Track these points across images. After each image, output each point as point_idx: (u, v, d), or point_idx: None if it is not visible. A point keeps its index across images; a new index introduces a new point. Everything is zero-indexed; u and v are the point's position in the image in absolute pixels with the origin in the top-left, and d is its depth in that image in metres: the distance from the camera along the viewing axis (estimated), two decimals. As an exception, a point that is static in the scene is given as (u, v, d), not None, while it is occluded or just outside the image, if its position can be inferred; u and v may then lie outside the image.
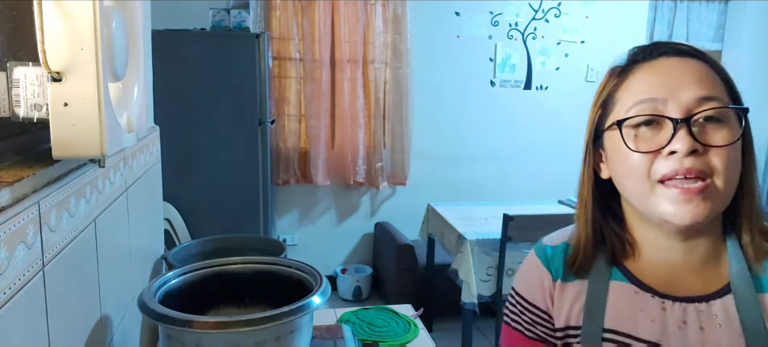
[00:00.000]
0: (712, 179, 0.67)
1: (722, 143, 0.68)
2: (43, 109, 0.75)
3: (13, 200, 0.65)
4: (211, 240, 1.60)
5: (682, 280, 0.73)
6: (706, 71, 0.71)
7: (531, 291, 0.84)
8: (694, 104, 0.68)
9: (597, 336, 0.74)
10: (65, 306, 0.81)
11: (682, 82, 0.69)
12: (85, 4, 0.68)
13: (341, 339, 1.18)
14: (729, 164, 0.68)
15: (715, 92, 0.69)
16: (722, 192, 0.68)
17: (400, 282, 3.50)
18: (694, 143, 0.66)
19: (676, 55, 0.72)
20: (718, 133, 0.68)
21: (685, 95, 0.68)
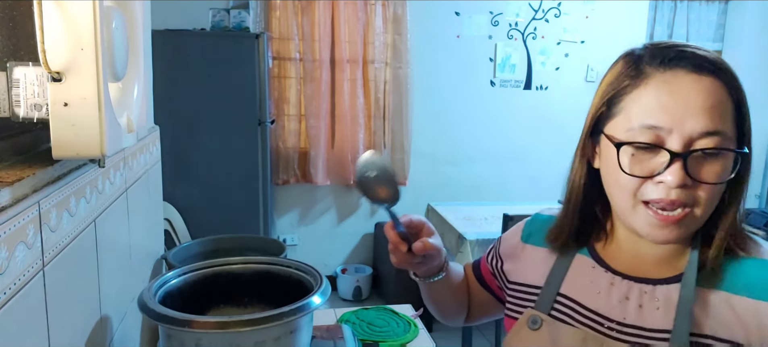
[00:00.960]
0: (692, 209, 0.70)
1: (713, 180, 0.69)
2: (43, 109, 0.75)
3: (13, 200, 0.65)
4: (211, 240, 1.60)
5: (640, 266, 0.78)
6: (719, 97, 0.69)
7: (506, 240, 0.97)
8: (697, 136, 0.68)
9: (550, 300, 0.83)
10: (65, 306, 0.81)
11: (692, 109, 0.68)
12: (85, 4, 0.68)
13: (341, 339, 1.18)
14: (712, 197, 0.70)
15: (721, 126, 0.69)
16: (698, 219, 0.71)
17: (400, 282, 3.50)
18: (686, 179, 0.68)
19: (694, 71, 0.69)
20: (711, 168, 0.70)
21: (691, 125, 0.68)
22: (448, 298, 1.00)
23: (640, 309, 0.76)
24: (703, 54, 0.71)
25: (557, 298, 0.82)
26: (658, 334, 0.73)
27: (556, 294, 0.83)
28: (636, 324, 0.75)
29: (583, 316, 0.79)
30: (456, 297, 1.01)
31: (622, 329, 0.76)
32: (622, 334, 0.76)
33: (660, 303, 0.75)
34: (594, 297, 0.79)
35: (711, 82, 0.69)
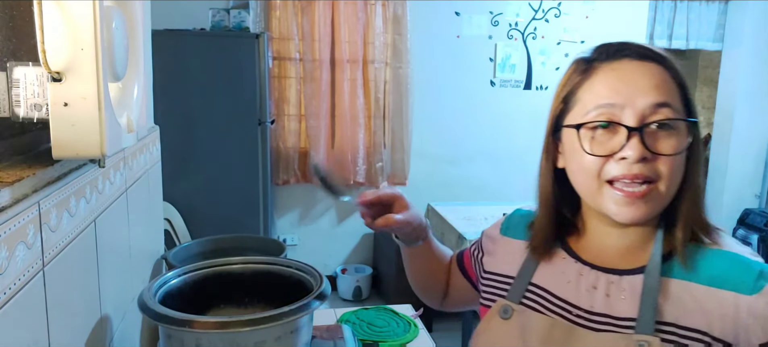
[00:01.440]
0: (656, 184, 0.73)
1: (670, 152, 0.73)
2: (43, 109, 0.75)
3: (13, 200, 0.65)
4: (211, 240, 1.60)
5: (608, 257, 0.81)
6: (663, 77, 0.75)
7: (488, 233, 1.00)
8: (649, 110, 0.73)
9: (521, 290, 0.86)
10: (65, 306, 0.81)
11: (640, 87, 0.74)
12: (85, 4, 0.68)
13: (341, 339, 1.18)
14: (673, 170, 0.74)
15: (669, 99, 0.74)
16: (663, 195, 0.74)
17: (400, 282, 3.49)
18: (644, 152, 0.72)
19: (638, 59, 0.75)
20: (667, 141, 0.73)
21: (642, 101, 0.73)
22: (425, 271, 1.07)
23: (608, 297, 0.78)
24: (645, 45, 0.77)
25: (529, 287, 0.86)
26: (625, 322, 0.76)
27: (528, 284, 0.86)
28: (603, 312, 0.78)
29: (553, 304, 0.83)
30: (433, 274, 1.08)
31: (590, 316, 0.79)
32: (590, 322, 0.79)
33: (626, 293, 0.77)
34: (564, 286, 0.83)
35: (654, 66, 0.75)
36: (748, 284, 0.71)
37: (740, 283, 0.72)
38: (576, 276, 0.82)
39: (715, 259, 0.75)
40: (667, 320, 0.74)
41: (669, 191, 0.74)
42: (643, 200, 0.73)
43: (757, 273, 0.72)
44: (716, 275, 0.74)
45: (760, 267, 0.73)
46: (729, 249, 0.76)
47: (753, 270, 0.73)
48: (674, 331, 0.73)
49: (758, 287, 0.71)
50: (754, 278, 0.72)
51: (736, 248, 0.77)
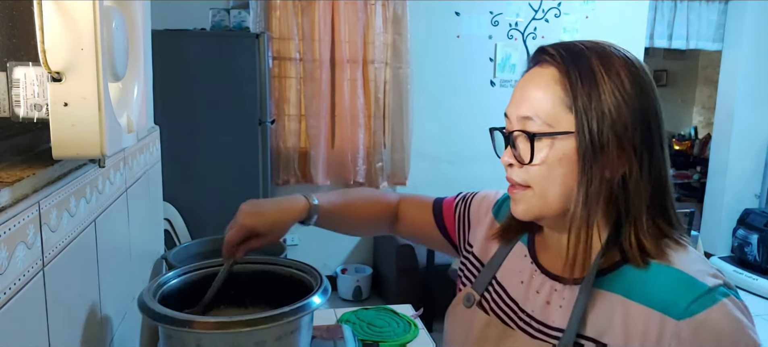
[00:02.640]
0: (529, 189, 0.76)
1: (525, 160, 0.75)
2: (43, 109, 0.75)
3: (13, 200, 0.65)
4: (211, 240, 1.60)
5: (559, 264, 0.80)
6: (547, 83, 0.74)
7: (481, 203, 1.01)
8: (517, 122, 0.77)
9: (485, 283, 0.89)
10: (65, 306, 0.81)
11: (518, 98, 0.77)
12: (85, 4, 0.68)
13: (341, 339, 1.18)
14: (539, 178, 0.75)
15: (535, 111, 0.74)
16: (539, 200, 0.76)
17: (400, 282, 3.50)
18: (511, 158, 0.77)
19: (537, 65, 0.77)
20: (527, 149, 0.75)
21: (514, 112, 0.77)
22: (348, 226, 1.10)
23: (547, 305, 0.79)
24: (550, 47, 0.76)
25: (492, 281, 0.88)
26: (554, 332, 0.76)
27: (492, 278, 0.88)
28: (539, 319, 0.79)
29: (504, 303, 0.85)
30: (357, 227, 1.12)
31: (529, 321, 0.80)
32: (526, 326, 0.80)
33: (563, 303, 0.77)
34: (517, 286, 0.84)
35: (545, 73, 0.75)
36: (680, 307, 0.67)
37: (672, 305, 0.68)
38: (528, 277, 0.84)
39: (658, 276, 0.71)
40: (589, 334, 0.73)
41: (543, 199, 0.75)
42: (519, 199, 0.77)
43: (696, 297, 0.67)
44: (652, 293, 0.70)
45: (703, 289, 0.67)
46: (678, 264, 0.71)
47: (693, 292, 0.68)
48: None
49: (689, 312, 0.66)
50: (688, 301, 0.67)
51: (687, 265, 0.71)
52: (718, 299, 0.67)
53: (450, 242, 1.05)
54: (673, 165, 6.88)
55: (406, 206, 1.10)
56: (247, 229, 0.93)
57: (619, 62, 0.73)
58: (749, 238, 4.38)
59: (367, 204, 1.09)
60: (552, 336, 0.76)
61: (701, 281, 0.69)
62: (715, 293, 0.67)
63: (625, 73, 0.72)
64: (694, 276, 0.69)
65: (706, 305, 0.66)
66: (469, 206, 1.03)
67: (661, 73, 7.58)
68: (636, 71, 0.73)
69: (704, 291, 0.67)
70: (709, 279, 0.69)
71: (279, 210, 0.96)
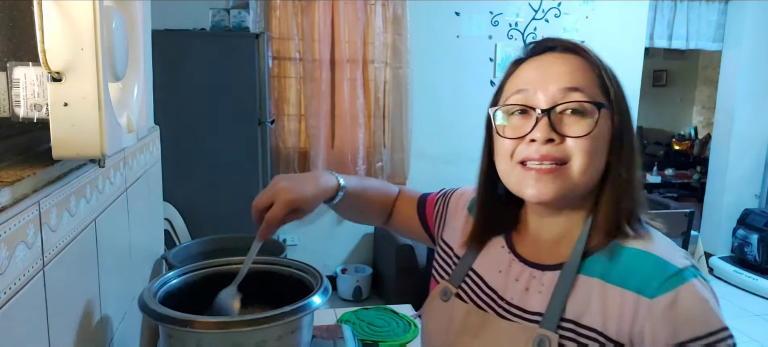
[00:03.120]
0: (566, 165, 0.75)
1: (578, 133, 0.74)
2: (43, 109, 0.75)
3: (13, 200, 0.65)
4: (211, 240, 1.60)
5: (538, 252, 0.83)
6: (582, 66, 0.77)
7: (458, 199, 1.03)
8: (560, 94, 0.76)
9: (462, 275, 0.90)
10: (65, 306, 0.81)
11: (553, 74, 0.77)
12: (85, 4, 0.68)
13: (341, 339, 1.18)
14: (586, 152, 0.74)
15: (581, 84, 0.76)
16: (574, 177, 0.75)
17: (400, 282, 3.50)
18: (551, 133, 0.75)
19: (561, 52, 0.79)
20: (577, 125, 0.75)
21: (554, 86, 0.76)
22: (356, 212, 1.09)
23: (526, 291, 0.81)
24: (567, 40, 0.80)
25: (468, 273, 0.90)
26: (534, 316, 0.78)
27: (468, 269, 0.90)
28: (518, 305, 0.81)
29: (483, 293, 0.86)
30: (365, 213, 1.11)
31: (508, 307, 0.82)
32: (506, 312, 0.82)
33: (543, 288, 0.79)
34: (495, 275, 0.86)
35: (572, 58, 0.78)
36: (652, 286, 0.71)
37: (646, 285, 0.71)
38: (506, 266, 0.85)
39: (632, 258, 0.75)
40: (569, 317, 0.75)
41: (581, 175, 0.75)
42: (551, 178, 0.75)
43: (667, 277, 0.71)
44: (627, 275, 0.74)
45: (674, 270, 0.71)
46: (651, 248, 0.75)
47: (665, 273, 0.71)
48: (573, 329, 0.74)
49: (660, 290, 0.70)
50: (660, 281, 0.71)
51: (660, 249, 0.75)
52: (687, 279, 0.71)
53: (430, 236, 1.08)
54: (673, 165, 6.89)
55: (399, 200, 1.13)
56: (291, 205, 0.88)
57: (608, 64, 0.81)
58: (749, 238, 4.38)
59: (377, 194, 1.10)
60: (531, 320, 0.78)
61: (672, 263, 0.73)
62: (685, 273, 0.72)
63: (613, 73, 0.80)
64: (666, 258, 0.73)
65: (676, 284, 0.70)
66: (447, 202, 1.05)
67: (661, 73, 7.58)
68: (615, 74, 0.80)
69: (675, 272, 0.71)
70: (680, 260, 0.73)
71: (317, 187, 0.94)
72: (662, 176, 6.62)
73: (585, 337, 0.73)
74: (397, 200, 1.13)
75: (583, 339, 0.73)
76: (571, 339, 0.74)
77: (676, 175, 6.72)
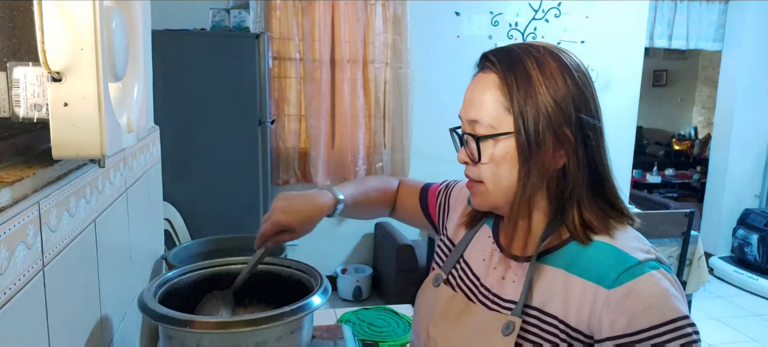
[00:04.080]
0: (482, 183, 0.84)
1: (475, 159, 0.83)
2: (43, 109, 0.75)
3: (13, 200, 0.65)
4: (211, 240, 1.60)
5: (516, 243, 0.87)
6: (488, 87, 0.83)
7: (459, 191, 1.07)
8: (467, 125, 0.85)
9: (453, 263, 0.96)
10: (65, 306, 0.81)
11: (468, 100, 0.86)
12: (85, 4, 0.68)
13: (341, 339, 1.18)
14: (491, 175, 0.82)
15: (479, 115, 0.82)
16: (491, 194, 0.84)
17: (400, 282, 3.50)
18: (465, 157, 0.85)
19: (481, 71, 0.86)
20: (485, 150, 0.82)
21: (464, 115, 0.85)
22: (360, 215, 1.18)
23: (502, 280, 0.87)
24: (490, 51, 0.86)
25: (459, 260, 0.96)
26: (508, 304, 0.84)
27: (459, 257, 0.96)
28: (495, 293, 0.87)
29: (470, 280, 0.92)
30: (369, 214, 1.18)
31: (487, 294, 0.88)
32: (485, 299, 0.88)
33: (516, 278, 0.85)
34: (480, 262, 0.92)
35: (488, 78, 0.84)
36: (611, 277, 0.75)
37: (605, 277, 0.76)
38: (489, 255, 0.91)
39: (595, 250, 0.79)
40: (534, 304, 0.81)
41: (497, 189, 0.83)
42: (475, 193, 0.86)
43: (625, 268, 0.75)
44: (589, 266, 0.78)
45: (633, 262, 0.75)
46: (614, 242, 0.79)
47: (623, 265, 0.75)
48: (537, 316, 0.80)
49: (618, 282, 0.74)
50: (618, 272, 0.75)
51: (623, 242, 0.79)
52: (646, 271, 0.75)
53: (433, 225, 1.13)
54: (673, 165, 6.89)
55: (401, 191, 1.18)
56: (281, 225, 0.98)
57: (554, 65, 0.80)
58: (749, 238, 4.38)
59: (377, 192, 1.16)
60: (505, 307, 0.84)
61: (632, 255, 0.76)
62: (644, 266, 0.75)
63: (559, 75, 0.79)
64: (627, 251, 0.77)
65: (634, 275, 0.74)
66: (449, 193, 1.10)
67: (661, 73, 7.58)
68: (570, 72, 0.80)
69: (633, 264, 0.75)
70: (640, 254, 0.77)
71: (311, 207, 1.02)
72: (662, 176, 6.62)
73: (547, 324, 0.79)
74: (399, 191, 1.18)
75: (546, 326, 0.79)
76: (535, 325, 0.80)
77: (676, 175, 6.73)
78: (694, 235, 2.89)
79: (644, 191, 6.08)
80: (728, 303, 4.04)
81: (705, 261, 3.08)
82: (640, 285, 0.73)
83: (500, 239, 0.91)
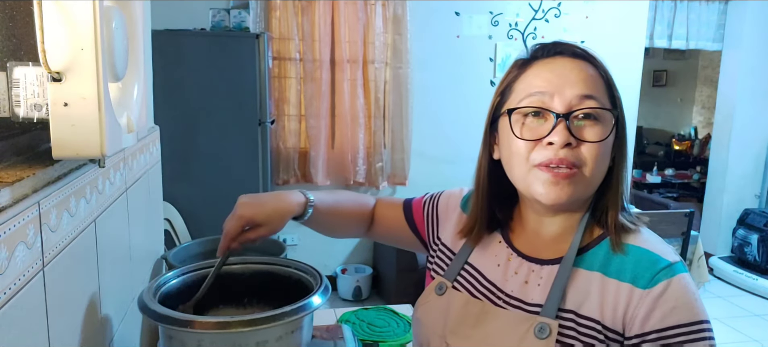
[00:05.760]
0: (580, 169, 0.78)
1: (594, 139, 0.78)
2: (43, 109, 0.75)
3: (13, 200, 0.65)
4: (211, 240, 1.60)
5: (538, 247, 0.87)
6: (592, 74, 0.81)
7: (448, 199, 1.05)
8: (576, 100, 0.78)
9: (457, 269, 0.93)
10: (65, 306, 0.81)
11: (569, 80, 0.79)
12: (85, 4, 0.68)
13: (341, 339, 1.18)
14: (597, 157, 0.79)
15: (595, 92, 0.79)
16: (587, 180, 0.79)
17: (400, 282, 3.50)
18: (569, 137, 0.77)
19: (571, 57, 0.82)
20: (592, 130, 0.79)
21: (570, 92, 0.79)
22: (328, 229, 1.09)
23: (526, 284, 0.84)
24: (578, 46, 0.84)
25: (464, 267, 0.92)
26: (533, 307, 0.82)
27: (464, 263, 0.93)
28: (517, 297, 0.84)
29: (482, 285, 0.89)
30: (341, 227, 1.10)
31: (506, 299, 0.85)
32: (504, 303, 0.85)
33: (542, 281, 0.83)
34: (494, 269, 0.89)
35: (584, 64, 0.82)
36: (646, 278, 0.77)
37: (639, 277, 0.77)
38: (505, 260, 0.89)
39: (628, 253, 0.80)
40: (568, 307, 0.79)
41: (593, 178, 0.80)
42: (567, 182, 0.78)
43: (659, 269, 0.77)
44: (622, 268, 0.79)
45: (665, 264, 0.77)
46: (645, 244, 0.81)
47: (656, 266, 0.77)
48: (572, 318, 0.79)
49: (653, 282, 0.76)
50: (653, 273, 0.77)
51: (653, 244, 0.81)
52: (678, 272, 0.77)
53: (419, 239, 1.09)
54: (674, 165, 6.89)
55: (380, 208, 1.13)
56: (246, 219, 0.91)
57: None
58: (749, 238, 4.38)
59: (351, 207, 1.09)
60: (530, 310, 0.82)
61: (664, 257, 0.79)
62: (675, 267, 0.78)
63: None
64: (658, 253, 0.79)
65: (667, 276, 0.76)
66: (436, 204, 1.08)
67: (661, 73, 7.58)
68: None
69: (666, 265, 0.77)
70: (671, 256, 0.79)
71: (277, 201, 0.96)
72: (662, 176, 6.61)
73: (584, 326, 0.78)
74: (378, 208, 1.13)
75: (583, 328, 0.78)
76: (571, 327, 0.78)
77: (676, 175, 6.72)
78: (694, 235, 2.89)
79: (644, 191, 6.08)
80: (728, 303, 4.04)
81: (705, 261, 3.08)
82: (673, 286, 0.76)
83: (514, 244, 0.90)
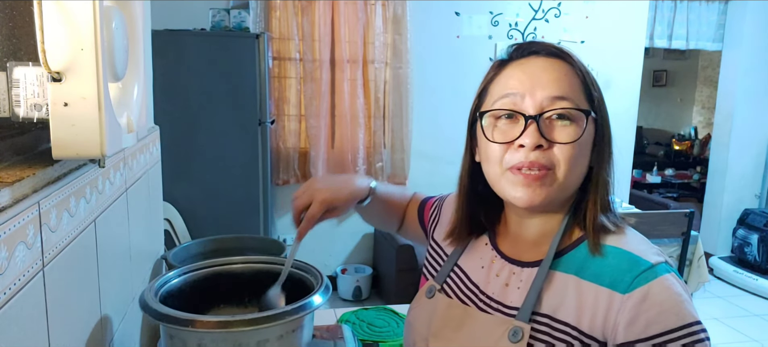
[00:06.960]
0: (553, 171, 0.77)
1: (566, 140, 0.76)
2: (43, 109, 0.75)
3: (13, 200, 0.65)
4: (211, 240, 1.60)
5: (519, 250, 0.86)
6: (567, 73, 0.79)
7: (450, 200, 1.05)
8: (547, 102, 0.77)
9: (446, 273, 0.93)
10: (65, 306, 0.81)
11: (542, 81, 0.78)
12: (85, 4, 0.68)
13: (341, 339, 1.18)
14: (570, 159, 0.77)
15: (568, 93, 0.77)
16: (561, 182, 0.77)
17: (400, 282, 3.50)
18: (540, 139, 0.76)
19: (546, 56, 0.80)
20: (564, 131, 0.77)
21: (541, 93, 0.77)
22: (379, 217, 1.15)
23: (506, 287, 0.83)
24: (555, 45, 0.82)
25: (453, 269, 0.93)
26: (511, 310, 0.81)
27: (454, 266, 0.93)
28: (497, 299, 0.84)
29: (467, 287, 0.89)
30: (389, 216, 1.15)
31: (488, 301, 0.85)
32: (485, 306, 0.84)
33: (521, 284, 0.82)
34: (478, 270, 0.89)
35: (559, 63, 0.79)
36: (625, 282, 0.73)
37: (619, 281, 0.74)
38: (489, 262, 0.88)
39: (607, 256, 0.77)
40: (544, 311, 0.77)
41: (567, 180, 0.77)
42: (539, 183, 0.77)
43: (639, 272, 0.73)
44: (601, 272, 0.76)
45: (646, 266, 0.73)
46: (625, 245, 0.77)
47: (636, 269, 0.73)
48: (547, 323, 0.77)
49: (633, 286, 0.72)
50: (632, 276, 0.73)
51: (633, 245, 0.77)
52: (660, 274, 0.73)
53: (426, 233, 1.10)
54: (673, 165, 6.89)
55: (410, 205, 1.16)
56: (327, 204, 0.95)
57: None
58: (749, 238, 4.38)
59: (397, 201, 1.15)
60: (509, 314, 0.81)
61: (644, 258, 0.75)
62: (657, 269, 0.73)
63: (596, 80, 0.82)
64: (639, 254, 0.76)
65: (648, 279, 0.72)
66: (441, 206, 1.08)
67: (661, 73, 7.57)
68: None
69: (647, 267, 0.73)
70: (652, 257, 0.75)
71: (351, 186, 1.00)
72: (662, 176, 6.61)
73: (559, 331, 0.76)
74: (410, 203, 1.16)
75: (557, 333, 0.76)
76: (545, 332, 0.76)
77: (676, 175, 6.72)
78: (694, 235, 2.89)
79: (644, 191, 6.08)
80: (728, 303, 4.04)
81: (705, 261, 3.08)
82: (654, 289, 0.72)
83: (499, 246, 0.89)
